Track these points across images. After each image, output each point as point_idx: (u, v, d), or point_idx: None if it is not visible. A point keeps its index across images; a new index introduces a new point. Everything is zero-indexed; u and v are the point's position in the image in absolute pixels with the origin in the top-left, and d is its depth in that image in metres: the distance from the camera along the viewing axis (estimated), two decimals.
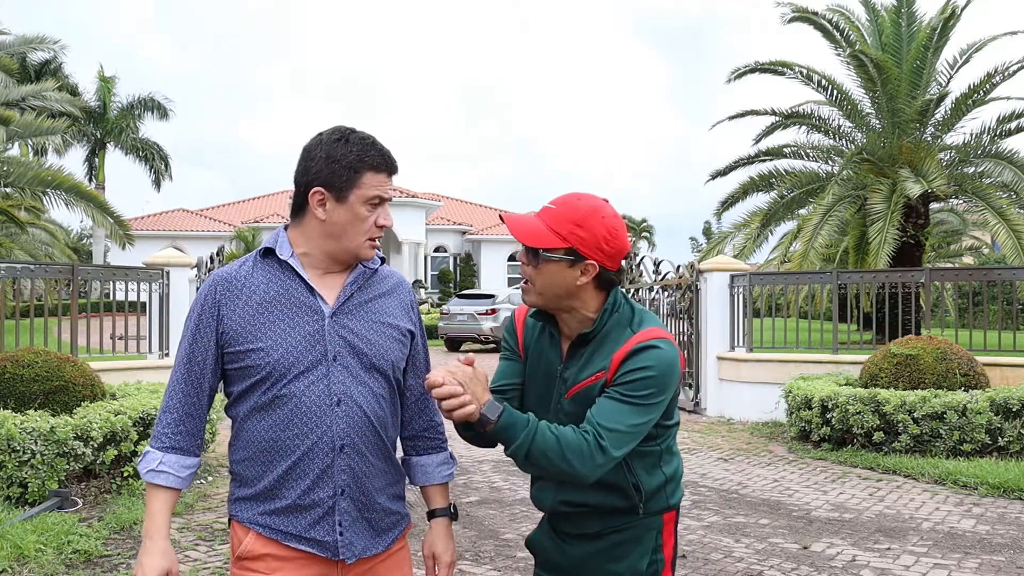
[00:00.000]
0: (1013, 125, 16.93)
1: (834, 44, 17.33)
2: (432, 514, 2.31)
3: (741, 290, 12.05)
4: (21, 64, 23.29)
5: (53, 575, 5.02)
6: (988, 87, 16.39)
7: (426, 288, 40.92)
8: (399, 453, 2.29)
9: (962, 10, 16.41)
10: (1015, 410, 8.32)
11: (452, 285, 42.18)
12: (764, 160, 18.34)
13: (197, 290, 2.25)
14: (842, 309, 15.21)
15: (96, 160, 34.89)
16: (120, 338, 10.52)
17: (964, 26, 19.01)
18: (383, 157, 2.11)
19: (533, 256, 2.10)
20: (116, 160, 76.40)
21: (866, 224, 16.12)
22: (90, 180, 33.41)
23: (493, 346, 24.27)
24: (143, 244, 28.66)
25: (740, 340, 12.04)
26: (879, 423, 8.64)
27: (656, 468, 2.16)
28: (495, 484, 7.66)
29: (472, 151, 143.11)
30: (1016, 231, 15.08)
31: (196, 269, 11.83)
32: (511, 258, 44.46)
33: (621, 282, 2.19)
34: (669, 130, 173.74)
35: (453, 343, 24.62)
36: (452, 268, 44.69)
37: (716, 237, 19.86)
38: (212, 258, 12.48)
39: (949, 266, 23.97)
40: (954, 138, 17.48)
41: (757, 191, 18.30)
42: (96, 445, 6.63)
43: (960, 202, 20.47)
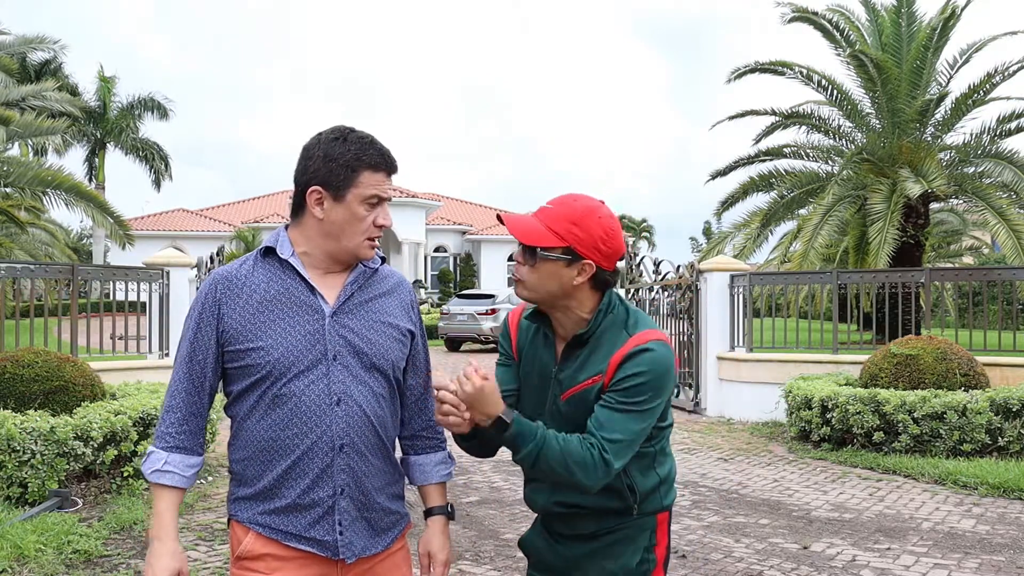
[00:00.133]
0: (1013, 125, 16.94)
1: (834, 44, 17.33)
2: (429, 512, 2.29)
3: (741, 290, 12.05)
4: (21, 64, 23.29)
5: (53, 575, 5.02)
6: (988, 87, 16.39)
7: (426, 288, 40.92)
8: (398, 453, 2.28)
9: (962, 10, 16.42)
10: (1015, 410, 8.32)
11: (452, 285, 42.18)
12: (764, 160, 18.34)
13: (197, 290, 2.24)
14: (842, 309, 15.21)
15: (96, 160, 34.89)
16: (120, 338, 10.52)
17: (964, 26, 19.00)
18: (381, 156, 2.10)
19: (530, 255, 2.10)
20: (116, 160, 76.34)
21: (866, 224, 16.12)
22: (90, 180, 33.41)
23: (493, 346, 24.27)
24: (143, 244, 28.66)
25: (740, 340, 12.04)
26: (879, 423, 8.64)
27: (650, 469, 2.17)
28: (495, 484, 7.66)
29: (472, 151, 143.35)
30: (1016, 231, 15.08)
31: (196, 269, 11.83)
32: (511, 258, 44.06)
33: (616, 283, 2.19)
34: (669, 130, 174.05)
35: (453, 343, 24.63)
36: (452, 268, 44.69)
37: (716, 237, 19.86)
38: (212, 258, 12.48)
39: (949, 266, 23.96)
40: (954, 138, 17.51)
41: (757, 191, 18.30)
42: (96, 445, 6.63)
43: (960, 202, 20.47)
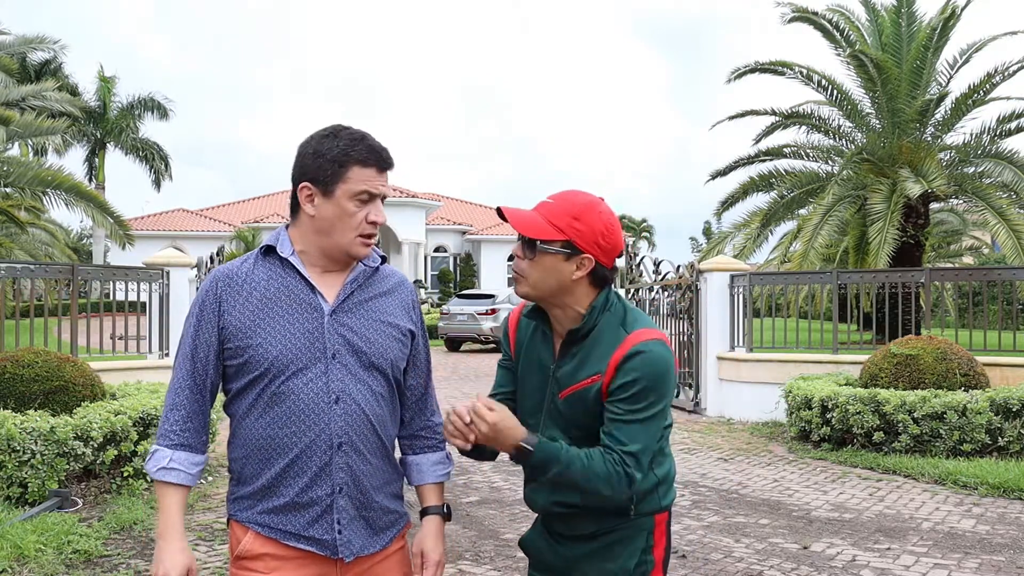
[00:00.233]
0: (1013, 125, 16.93)
1: (834, 44, 17.33)
2: (424, 512, 2.28)
3: (741, 290, 12.05)
4: (21, 64, 23.29)
5: (53, 575, 5.03)
6: (988, 87, 16.39)
7: (426, 288, 40.92)
8: (397, 453, 2.28)
9: (962, 10, 16.42)
10: (1015, 410, 8.32)
11: (452, 285, 42.17)
12: (764, 160, 18.34)
13: (197, 289, 2.24)
14: (842, 309, 15.21)
15: (96, 160, 34.90)
16: (120, 338, 10.52)
17: (964, 26, 19.00)
18: (371, 151, 2.08)
19: (530, 248, 2.11)
20: (116, 160, 76.38)
21: (866, 224, 16.12)
22: (90, 180, 33.42)
23: (493, 346, 24.27)
24: (143, 244, 28.66)
25: (740, 340, 12.04)
26: (879, 423, 8.64)
27: (648, 470, 2.15)
28: (495, 484, 7.66)
29: (472, 151, 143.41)
30: (1016, 231, 15.07)
31: (196, 269, 11.84)
32: (511, 258, 44.12)
33: (615, 281, 2.18)
34: (669, 130, 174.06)
35: (453, 343, 24.64)
36: (452, 268, 44.69)
37: (716, 237, 19.86)
38: (212, 258, 12.48)
39: (949, 266, 23.96)
40: (954, 138, 17.51)
41: (757, 191, 18.30)
42: (96, 445, 6.63)
43: (960, 202, 20.46)
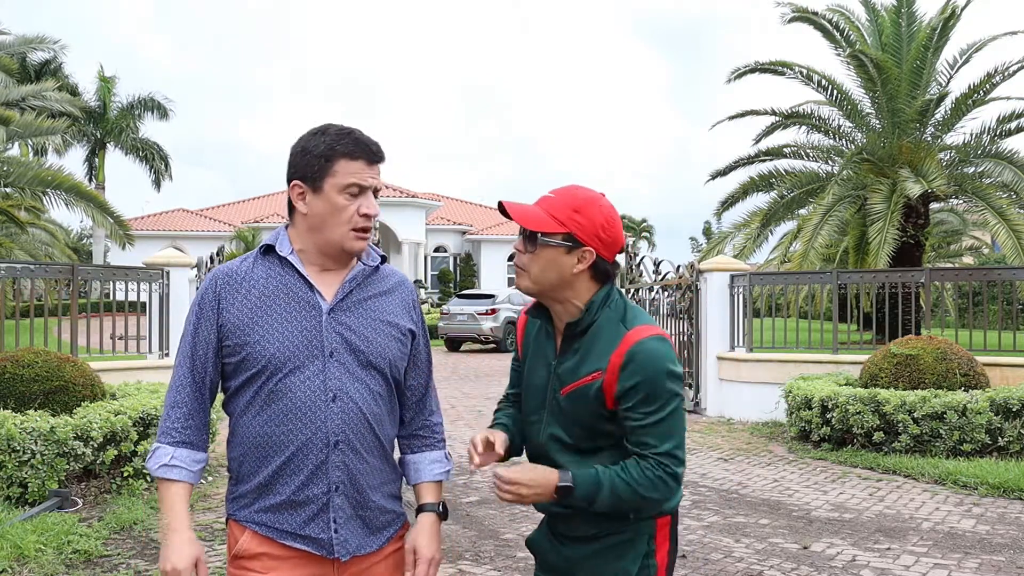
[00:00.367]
0: (1013, 125, 16.93)
1: (834, 44, 17.33)
2: (420, 509, 2.26)
3: (741, 290, 12.05)
4: (21, 64, 23.29)
5: (53, 575, 5.02)
6: (988, 87, 16.38)
7: (426, 288, 40.92)
8: (397, 453, 2.28)
9: (962, 10, 16.41)
10: (1015, 410, 8.32)
11: (452, 285, 42.17)
12: (764, 160, 18.34)
13: (197, 289, 2.24)
14: (842, 309, 15.22)
15: (96, 160, 34.90)
16: (120, 338, 10.52)
17: (964, 26, 19.02)
18: (357, 144, 2.08)
19: (531, 242, 2.10)
20: (116, 160, 76.38)
21: (866, 224, 16.11)
22: (90, 180, 33.42)
23: (493, 346, 24.28)
24: (143, 244, 28.66)
25: (740, 340, 12.03)
26: (879, 423, 8.64)
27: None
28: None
29: (472, 151, 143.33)
30: (1016, 231, 15.07)
31: (196, 269, 11.83)
32: (511, 258, 44.22)
33: (616, 276, 2.18)
34: (669, 130, 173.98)
35: (453, 343, 24.64)
36: (452, 268, 44.68)
37: (716, 237, 19.85)
38: (212, 258, 12.48)
39: (949, 266, 23.96)
40: (954, 138, 17.50)
41: (757, 191, 18.30)
42: (96, 445, 6.62)
43: (960, 202, 20.46)
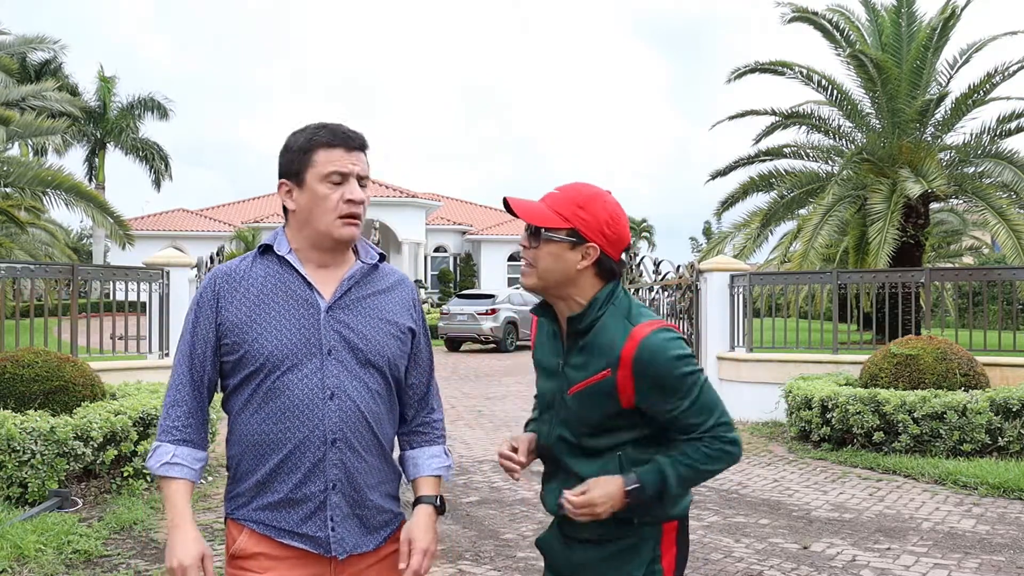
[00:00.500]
0: (1013, 125, 16.93)
1: (834, 44, 17.32)
2: (417, 501, 2.24)
3: (741, 290, 12.05)
4: (21, 64, 23.29)
5: (53, 575, 5.03)
6: (988, 87, 16.38)
7: (426, 288, 40.92)
8: (397, 452, 2.28)
9: (962, 10, 16.41)
10: (1015, 410, 8.32)
11: (452, 285, 42.16)
12: (764, 160, 18.34)
13: (197, 289, 2.25)
14: (842, 309, 15.20)
15: (96, 160, 34.89)
16: (120, 338, 10.51)
17: (964, 26, 19.03)
18: (334, 134, 2.11)
19: (535, 237, 2.09)
20: (116, 160, 76.28)
21: (866, 224, 16.11)
22: (90, 180, 33.41)
23: (493, 346, 24.28)
24: (143, 244, 28.65)
25: (740, 340, 12.03)
26: (879, 423, 8.64)
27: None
28: (495, 484, 7.65)
29: (472, 151, 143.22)
30: (1016, 231, 15.07)
31: (196, 269, 11.83)
32: (511, 258, 44.42)
33: (621, 275, 2.17)
34: (669, 130, 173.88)
35: (453, 343, 24.64)
36: (452, 268, 44.67)
37: (716, 237, 19.85)
38: (212, 258, 12.48)
39: (949, 266, 23.95)
40: (954, 138, 17.50)
41: (757, 191, 18.29)
42: (96, 445, 6.62)
43: (960, 202, 20.45)
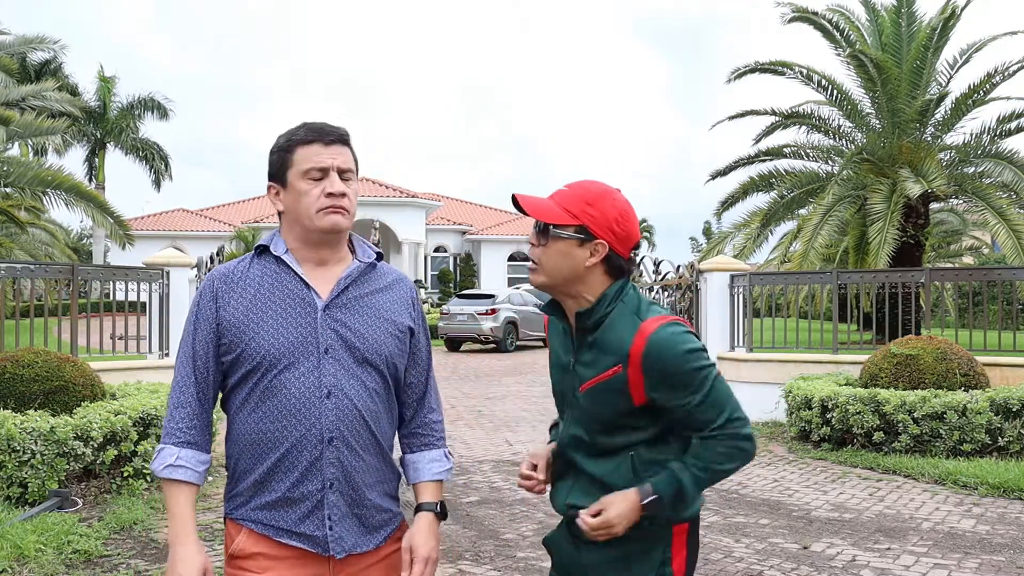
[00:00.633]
0: (1013, 125, 16.93)
1: (834, 44, 17.33)
2: (418, 508, 2.25)
3: (741, 290, 12.05)
4: (21, 64, 23.29)
5: (53, 575, 5.03)
6: (988, 87, 16.39)
7: (426, 288, 40.91)
8: (398, 452, 2.28)
9: (962, 10, 16.42)
10: (1015, 410, 8.32)
11: (452, 285, 42.16)
12: (764, 160, 18.34)
13: (197, 289, 2.26)
14: (842, 309, 15.21)
15: (96, 160, 34.90)
16: (120, 338, 10.51)
17: (964, 26, 19.03)
18: (310, 130, 2.13)
19: (543, 235, 2.09)
20: (116, 160, 76.35)
21: (866, 224, 16.12)
22: (90, 180, 33.42)
23: (493, 346, 24.28)
24: (143, 244, 28.65)
25: (740, 340, 12.04)
26: (879, 423, 8.64)
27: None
28: (495, 484, 7.66)
29: (472, 151, 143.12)
30: (1016, 231, 15.08)
31: (196, 269, 11.83)
32: (511, 258, 44.43)
33: (631, 273, 2.15)
34: (669, 130, 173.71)
35: (453, 343, 24.64)
36: (452, 268, 44.68)
37: (716, 237, 19.86)
38: (212, 258, 12.48)
39: (949, 266, 23.95)
40: (954, 138, 17.50)
41: (757, 191, 18.30)
42: (96, 445, 6.63)
43: (960, 202, 20.46)
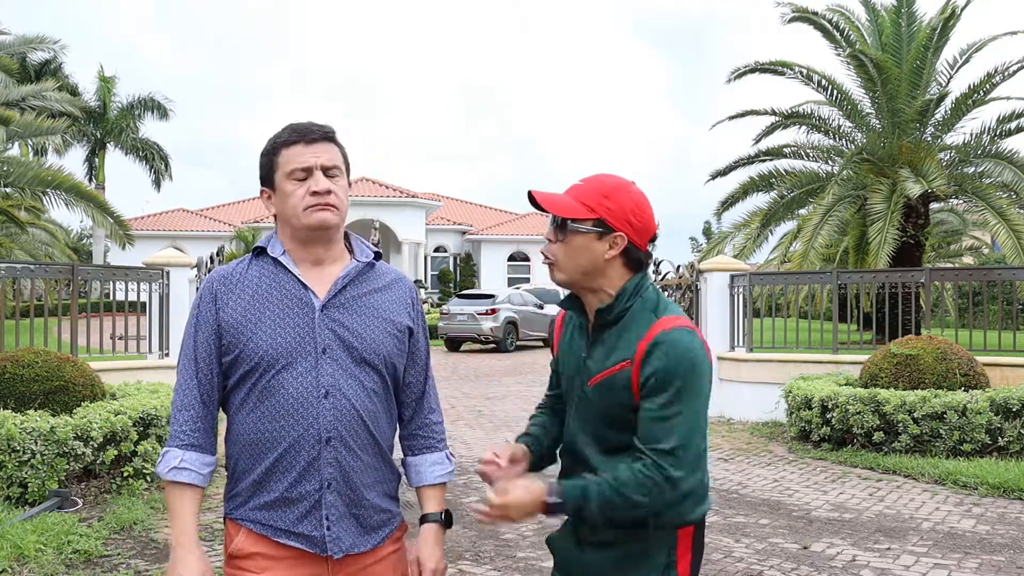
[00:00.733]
0: (1013, 125, 16.93)
1: (834, 44, 17.33)
2: (423, 519, 2.26)
3: (741, 290, 12.05)
4: (21, 64, 23.29)
5: (53, 575, 5.03)
6: (988, 87, 16.39)
7: (426, 288, 40.91)
8: (399, 453, 2.28)
9: (962, 10, 16.42)
10: (1015, 410, 8.32)
11: (452, 285, 42.16)
12: (764, 160, 18.33)
13: (197, 290, 2.27)
14: (842, 309, 15.21)
15: (96, 160, 34.91)
16: (120, 338, 10.51)
17: (964, 26, 19.02)
18: (292, 131, 2.14)
19: (561, 230, 2.07)
20: (116, 160, 76.26)
21: (866, 224, 16.12)
22: (90, 180, 33.42)
23: (493, 346, 24.28)
24: (143, 244, 28.65)
25: (740, 340, 12.04)
26: (879, 423, 8.64)
27: (695, 468, 2.05)
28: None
29: (472, 151, 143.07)
30: (1016, 231, 15.08)
31: (196, 269, 11.83)
32: (511, 258, 44.43)
33: (649, 265, 2.13)
34: (669, 130, 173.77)
35: (453, 343, 24.64)
36: (452, 268, 44.68)
37: (716, 237, 19.85)
38: (212, 258, 12.48)
39: (949, 266, 23.94)
40: (954, 138, 17.50)
41: (757, 191, 18.29)
42: (96, 445, 6.63)
43: (960, 202, 20.46)
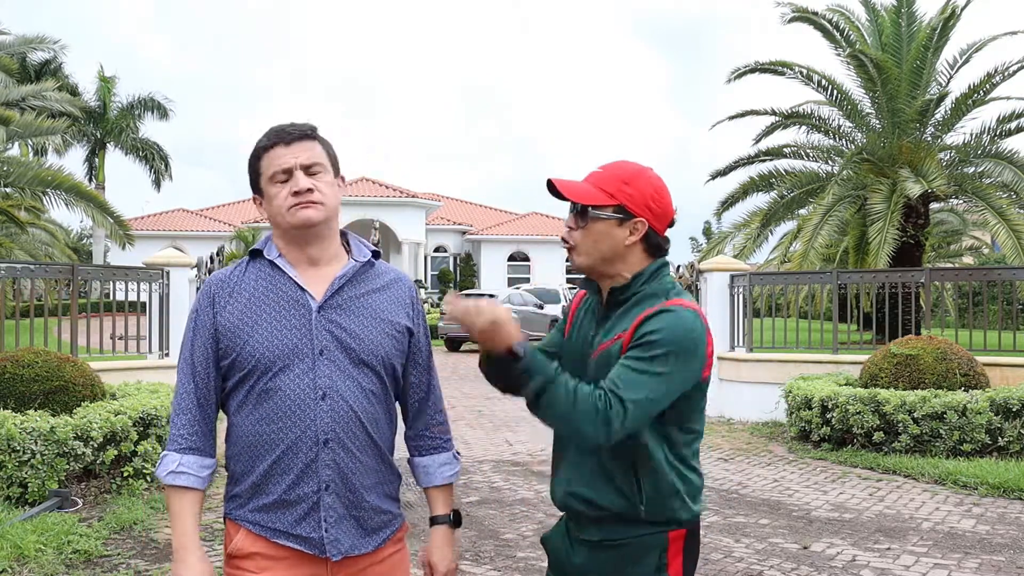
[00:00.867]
0: (1013, 125, 16.93)
1: (834, 44, 17.33)
2: (432, 521, 2.27)
3: (741, 290, 12.05)
4: (21, 64, 23.28)
5: (53, 575, 5.03)
6: (988, 87, 16.39)
7: (426, 288, 40.91)
8: (404, 454, 2.28)
9: (962, 10, 16.42)
10: (1015, 410, 8.32)
11: (452, 285, 42.15)
12: (764, 160, 18.34)
13: (197, 290, 2.28)
14: (842, 309, 15.21)
15: (96, 160, 34.91)
16: (120, 338, 10.51)
17: (964, 26, 18.98)
18: (271, 134, 2.16)
19: (582, 217, 2.08)
20: (116, 160, 76.13)
21: (866, 224, 16.12)
22: (90, 180, 33.42)
23: None
24: (143, 244, 28.63)
25: (740, 340, 12.04)
26: (879, 423, 8.64)
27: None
28: (495, 484, 7.66)
29: (472, 151, 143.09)
30: (1016, 231, 15.08)
31: (196, 269, 11.84)
32: (511, 258, 44.42)
33: (668, 251, 2.14)
34: (669, 130, 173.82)
35: (453, 343, 24.64)
36: (452, 268, 44.68)
37: (716, 237, 19.86)
38: (212, 258, 12.50)
39: (949, 266, 23.94)
40: (954, 138, 17.51)
41: (757, 191, 18.29)
42: (96, 445, 6.63)
43: (960, 202, 20.46)
